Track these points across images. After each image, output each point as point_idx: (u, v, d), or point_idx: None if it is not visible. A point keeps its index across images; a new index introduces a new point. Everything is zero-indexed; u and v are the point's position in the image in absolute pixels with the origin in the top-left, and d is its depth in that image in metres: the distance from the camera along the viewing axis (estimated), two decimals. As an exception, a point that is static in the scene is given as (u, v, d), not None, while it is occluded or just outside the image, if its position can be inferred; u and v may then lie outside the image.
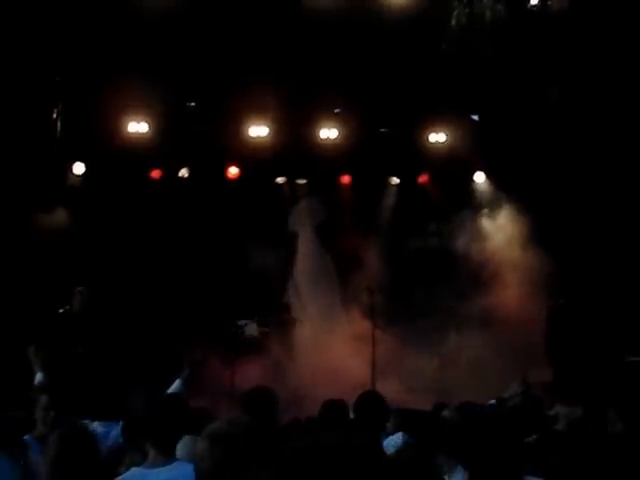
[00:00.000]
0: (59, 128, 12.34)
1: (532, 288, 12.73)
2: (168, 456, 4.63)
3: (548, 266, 12.66)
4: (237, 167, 13.81)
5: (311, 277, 14.03)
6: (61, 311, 9.85)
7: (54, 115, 12.27)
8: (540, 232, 13.30)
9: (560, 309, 12.73)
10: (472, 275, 13.35)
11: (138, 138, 12.87)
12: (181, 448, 4.81)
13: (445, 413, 5.33)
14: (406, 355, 12.42)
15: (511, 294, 12.85)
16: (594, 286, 12.98)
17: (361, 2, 12.34)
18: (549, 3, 12.34)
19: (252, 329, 12.78)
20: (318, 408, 6.49)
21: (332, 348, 12.32)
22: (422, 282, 13.82)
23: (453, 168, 14.30)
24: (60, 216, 12.38)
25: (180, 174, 13.60)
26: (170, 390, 7.20)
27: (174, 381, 7.30)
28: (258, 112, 13.27)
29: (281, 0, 12.12)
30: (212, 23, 11.94)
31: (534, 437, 5.86)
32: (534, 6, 12.33)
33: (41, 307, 10.71)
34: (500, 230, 14.02)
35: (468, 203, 14.35)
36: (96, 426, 6.52)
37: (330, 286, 13.91)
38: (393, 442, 5.48)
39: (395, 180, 14.67)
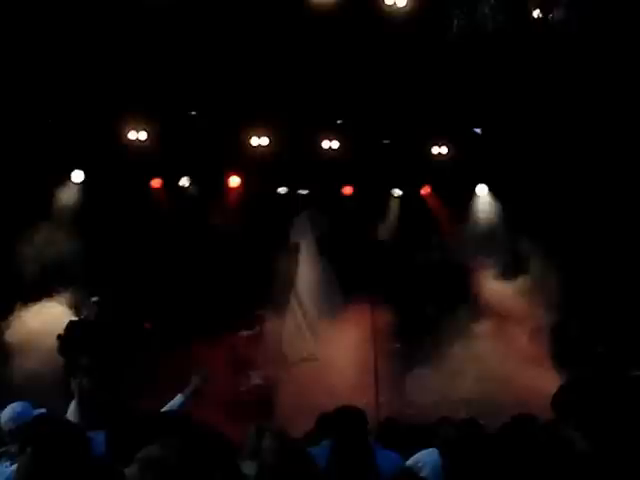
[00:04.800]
0: (55, 136, 12.14)
1: (537, 301, 12.63)
2: None
3: (551, 279, 12.60)
4: (238, 177, 13.73)
5: (313, 289, 13.86)
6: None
7: (49, 122, 12.08)
8: (542, 244, 13.23)
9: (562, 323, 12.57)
10: (476, 289, 13.25)
11: (138, 147, 12.71)
12: None
13: (443, 430, 5.23)
14: (410, 369, 12.28)
15: (517, 308, 12.72)
16: (597, 299, 12.86)
17: (364, 14, 12.25)
18: (551, 15, 12.27)
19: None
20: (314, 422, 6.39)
21: (333, 361, 12.14)
22: (425, 295, 13.69)
23: (455, 180, 14.28)
24: (59, 225, 12.19)
25: (181, 183, 13.48)
26: (170, 405, 7.00)
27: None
28: (260, 122, 13.19)
29: (284, 12, 12.00)
30: (214, 32, 11.83)
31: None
32: (537, 17, 12.26)
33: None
34: (503, 244, 13.94)
35: (470, 216, 14.28)
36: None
37: (332, 298, 13.73)
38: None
39: (397, 192, 14.61)
